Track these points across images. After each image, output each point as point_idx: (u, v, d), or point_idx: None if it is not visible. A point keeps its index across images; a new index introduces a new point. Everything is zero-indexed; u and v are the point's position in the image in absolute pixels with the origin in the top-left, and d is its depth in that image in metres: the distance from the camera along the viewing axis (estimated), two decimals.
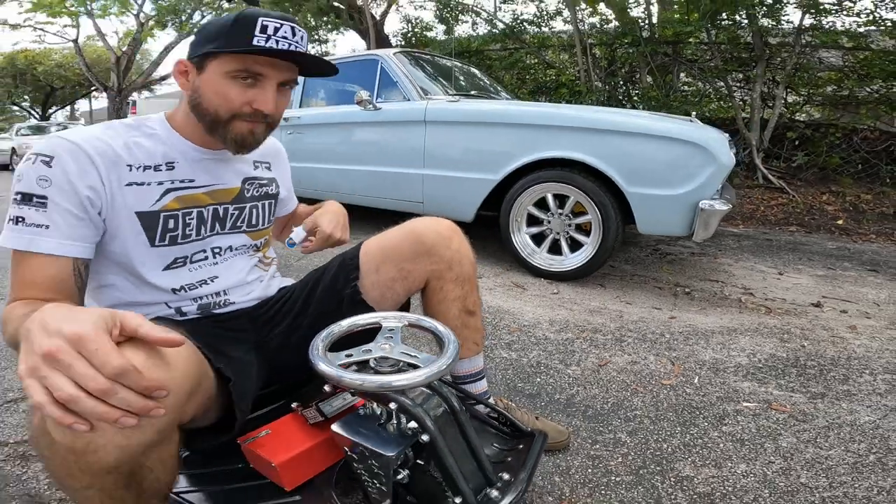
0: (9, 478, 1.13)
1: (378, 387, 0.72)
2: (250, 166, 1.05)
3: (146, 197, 0.87)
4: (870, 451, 1.26)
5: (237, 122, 0.87)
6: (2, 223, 0.79)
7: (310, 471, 0.93)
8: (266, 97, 0.86)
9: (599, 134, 2.39)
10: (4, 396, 1.47)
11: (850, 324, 2.09)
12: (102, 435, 0.54)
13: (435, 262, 1.03)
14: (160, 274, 0.92)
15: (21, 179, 0.77)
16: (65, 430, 0.52)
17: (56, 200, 0.77)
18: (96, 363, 0.49)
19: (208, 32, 0.87)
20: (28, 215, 0.76)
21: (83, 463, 0.56)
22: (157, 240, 0.89)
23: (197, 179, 0.94)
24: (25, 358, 0.50)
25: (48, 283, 0.75)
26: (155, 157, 0.89)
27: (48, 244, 0.76)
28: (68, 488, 0.63)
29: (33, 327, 0.52)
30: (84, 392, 0.49)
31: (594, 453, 1.23)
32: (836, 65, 5.68)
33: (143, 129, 0.91)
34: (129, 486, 0.64)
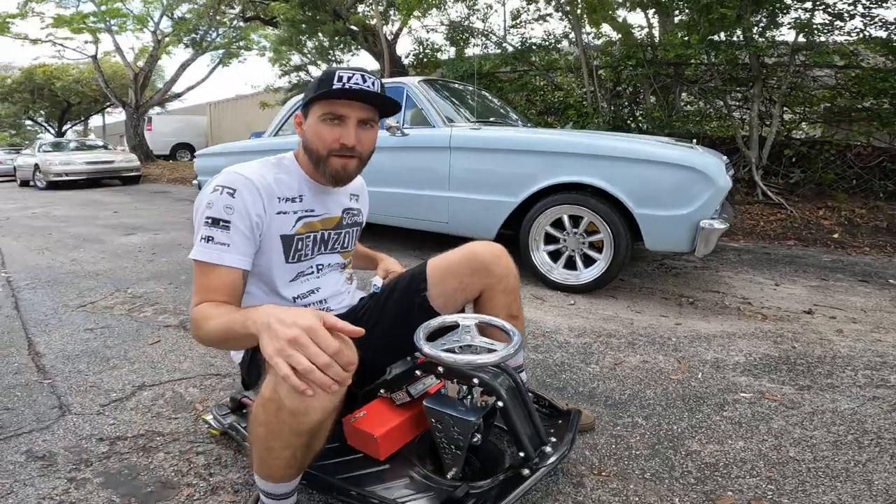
0: (137, 467, 1.33)
1: (467, 363, 0.99)
2: (347, 198, 1.34)
3: (287, 223, 1.16)
4: (848, 432, 1.51)
5: (332, 159, 1.14)
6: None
7: (399, 442, 1.20)
8: (349, 133, 1.12)
9: (610, 160, 2.67)
10: (109, 397, 1.72)
11: (837, 328, 2.35)
12: (316, 399, 0.81)
13: (488, 277, 1.30)
14: (287, 285, 1.20)
15: (211, 206, 1.04)
16: (294, 396, 0.79)
17: (237, 224, 1.05)
18: (322, 346, 0.75)
19: (308, 89, 1.16)
20: (216, 235, 1.03)
21: (296, 423, 0.83)
22: (290, 258, 1.18)
23: (316, 209, 1.22)
24: (271, 342, 0.76)
25: (227, 289, 1.03)
26: (292, 190, 1.18)
27: (231, 259, 1.03)
28: (269, 448, 0.89)
29: (271, 321, 0.78)
30: (313, 366, 0.75)
31: (616, 433, 1.49)
32: (829, 83, 5.94)
33: (282, 166, 1.20)
34: (309, 448, 0.92)
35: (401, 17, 8.79)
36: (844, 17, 4.96)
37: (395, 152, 3.53)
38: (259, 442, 0.90)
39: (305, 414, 0.82)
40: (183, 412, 1.61)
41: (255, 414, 0.89)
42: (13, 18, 13.61)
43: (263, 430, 0.87)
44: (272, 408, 0.84)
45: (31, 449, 1.41)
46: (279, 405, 0.83)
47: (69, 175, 10.18)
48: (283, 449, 0.89)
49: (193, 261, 1.04)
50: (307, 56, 10.05)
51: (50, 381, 1.80)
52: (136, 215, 6.12)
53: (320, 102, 1.11)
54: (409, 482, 1.11)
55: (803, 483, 1.27)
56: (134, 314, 2.51)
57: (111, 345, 2.12)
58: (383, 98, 1.13)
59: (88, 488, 1.26)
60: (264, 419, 0.86)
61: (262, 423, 0.87)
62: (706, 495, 1.23)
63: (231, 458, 1.37)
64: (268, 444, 0.89)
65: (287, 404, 0.82)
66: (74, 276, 3.22)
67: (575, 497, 1.21)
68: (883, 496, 1.23)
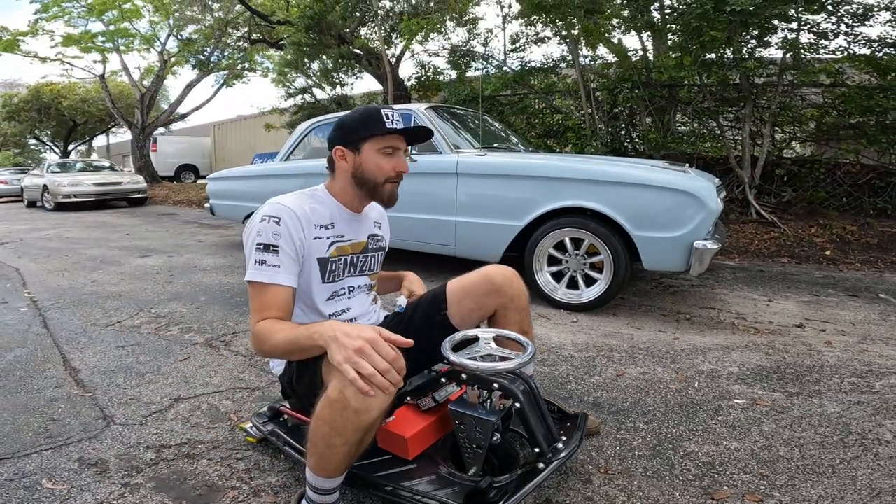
0: (184, 473, 1.45)
1: (488, 369, 1.14)
2: (372, 225, 1.50)
3: (322, 247, 1.32)
4: (834, 433, 1.65)
5: (387, 185, 1.36)
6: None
7: (426, 443, 1.33)
8: (402, 162, 1.36)
9: (608, 185, 2.84)
10: (149, 408, 1.85)
11: (826, 340, 2.49)
12: (375, 400, 0.97)
13: (501, 297, 1.45)
14: (325, 303, 1.35)
15: (261, 234, 1.21)
16: (358, 397, 0.96)
17: (284, 248, 1.21)
18: (382, 355, 0.92)
19: (353, 125, 1.34)
20: (268, 259, 1.19)
21: (358, 420, 0.99)
22: (326, 278, 1.34)
23: (346, 235, 1.38)
24: (339, 352, 0.94)
25: (281, 306, 1.18)
26: (325, 218, 1.35)
27: (282, 278, 1.20)
28: (330, 445, 1.04)
29: (338, 335, 0.95)
30: (375, 371, 0.91)
31: (620, 437, 1.62)
32: (816, 102, 6.12)
33: (316, 197, 1.38)
34: (361, 444, 1.07)
35: (403, 42, 9.08)
36: (829, 35, 5.18)
37: (404, 178, 3.69)
38: (322, 440, 1.04)
39: (367, 412, 0.98)
40: (220, 422, 1.74)
41: (320, 414, 1.03)
42: (24, 36, 13.90)
43: (328, 427, 1.02)
44: (338, 408, 0.99)
45: (82, 457, 1.54)
46: (344, 405, 0.98)
47: (78, 196, 10.36)
48: (343, 445, 1.03)
49: (249, 283, 1.20)
50: (312, 78, 10.33)
51: (91, 395, 1.93)
52: (148, 238, 6.28)
53: (378, 138, 1.32)
54: (434, 479, 1.24)
55: (793, 479, 1.41)
56: (161, 333, 2.64)
57: (143, 361, 2.26)
58: (420, 131, 1.39)
59: (142, 492, 1.38)
60: (330, 418, 1.01)
61: (326, 422, 1.02)
62: (704, 490, 1.36)
63: (269, 463, 1.50)
64: (330, 442, 1.03)
65: (352, 404, 0.97)
66: (97, 296, 3.36)
67: (584, 492, 1.35)
68: (867, 490, 1.36)
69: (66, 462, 1.51)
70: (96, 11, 13.03)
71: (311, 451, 1.08)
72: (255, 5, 12.04)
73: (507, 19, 8.34)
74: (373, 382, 0.92)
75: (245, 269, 1.24)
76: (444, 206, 3.44)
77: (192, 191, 12.99)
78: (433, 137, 3.55)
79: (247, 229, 1.29)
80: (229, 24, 13.12)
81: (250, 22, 12.42)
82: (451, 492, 1.19)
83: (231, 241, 5.98)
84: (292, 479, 1.42)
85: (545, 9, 6.32)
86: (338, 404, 0.99)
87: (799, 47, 5.22)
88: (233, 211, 5.27)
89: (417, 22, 7.62)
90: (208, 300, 3.27)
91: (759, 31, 5.20)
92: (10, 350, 2.39)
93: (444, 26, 8.46)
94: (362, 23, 9.60)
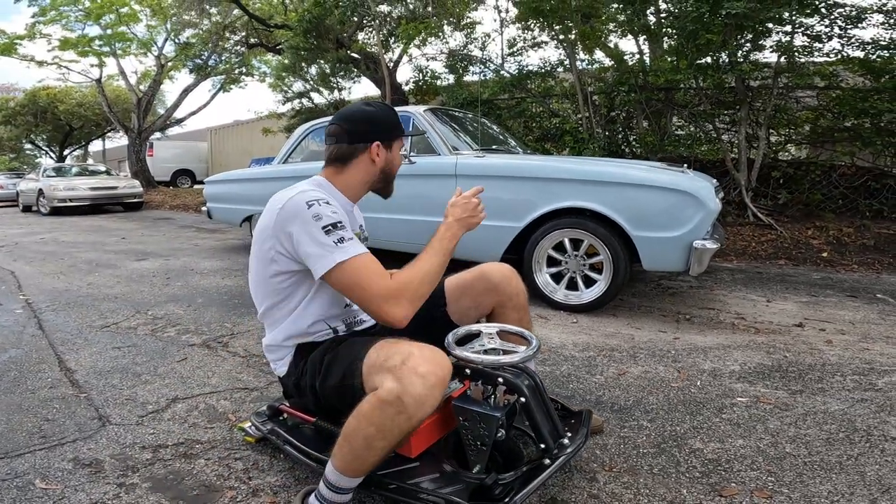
0: (181, 473, 1.43)
1: (493, 362, 1.12)
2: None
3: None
4: (839, 430, 1.63)
5: (393, 182, 1.44)
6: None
7: (429, 440, 1.31)
8: (400, 161, 1.43)
9: (607, 185, 2.83)
10: (146, 409, 1.82)
11: (827, 339, 2.48)
12: (433, 391, 1.00)
13: (499, 295, 1.44)
14: (332, 297, 1.34)
15: (320, 218, 1.16)
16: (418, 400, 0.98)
17: (345, 223, 1.20)
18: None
19: (389, 124, 1.38)
20: (344, 235, 1.16)
21: (408, 425, 1.01)
22: None
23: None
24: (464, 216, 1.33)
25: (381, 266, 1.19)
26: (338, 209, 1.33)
27: (362, 247, 1.19)
28: (371, 447, 1.03)
29: (453, 216, 1.32)
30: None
31: (623, 435, 1.61)
32: (811, 104, 6.16)
33: (325, 189, 1.36)
34: (397, 446, 1.06)
35: (401, 46, 9.10)
36: (823, 38, 5.21)
37: (402, 180, 3.64)
38: (363, 441, 1.03)
39: (422, 405, 0.99)
40: (217, 422, 1.71)
41: (368, 415, 1.02)
42: (21, 40, 13.89)
43: (374, 429, 1.01)
44: (391, 412, 0.99)
45: (77, 457, 1.51)
46: (399, 409, 0.98)
47: (73, 201, 10.31)
48: (384, 448, 1.03)
49: (342, 265, 1.12)
50: (309, 83, 10.33)
51: (86, 395, 1.91)
52: (144, 241, 6.24)
53: (402, 138, 1.43)
54: (438, 476, 1.22)
55: (801, 475, 1.39)
56: (157, 334, 2.61)
57: (140, 362, 2.23)
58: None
59: (138, 492, 1.35)
60: (379, 420, 1.00)
61: (374, 424, 1.01)
62: (712, 487, 1.34)
63: (268, 463, 1.48)
64: (372, 444, 1.02)
65: (409, 409, 0.99)
66: (93, 298, 3.33)
67: (590, 490, 1.33)
68: (876, 485, 1.34)
69: (59, 462, 1.48)
70: (94, 15, 13.04)
71: (345, 449, 1.06)
72: (253, 9, 12.05)
73: (504, 24, 8.39)
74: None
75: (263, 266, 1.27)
76: (443, 208, 3.41)
77: (188, 195, 12.94)
78: (431, 139, 3.56)
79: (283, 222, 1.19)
80: (227, 29, 13.12)
81: (248, 26, 12.43)
82: (456, 489, 1.17)
83: (229, 244, 5.95)
84: (292, 478, 1.40)
85: (542, 13, 6.35)
86: (391, 408, 0.99)
87: (793, 50, 5.25)
88: (230, 214, 5.24)
89: (415, 26, 7.64)
90: (206, 302, 3.24)
91: (753, 35, 5.23)
92: (4, 351, 2.36)
93: (442, 30, 8.48)
94: (360, 27, 9.63)
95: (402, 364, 1.03)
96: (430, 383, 1.00)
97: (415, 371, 1.01)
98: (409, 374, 1.00)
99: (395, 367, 1.03)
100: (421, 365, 1.02)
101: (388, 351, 1.09)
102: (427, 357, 1.04)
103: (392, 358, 1.06)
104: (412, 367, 1.01)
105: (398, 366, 1.03)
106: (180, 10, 13.65)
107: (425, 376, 1.00)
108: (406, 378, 1.00)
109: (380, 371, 1.06)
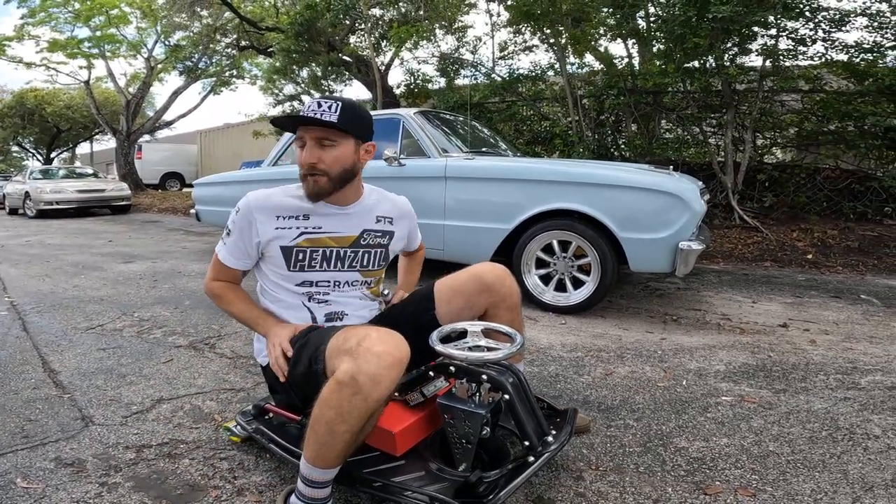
0: (165, 472, 1.42)
1: (476, 359, 1.13)
2: (372, 220, 1.47)
3: (286, 236, 1.35)
4: (822, 429, 1.65)
5: (307, 178, 1.33)
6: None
7: (414, 439, 1.31)
8: (305, 153, 1.31)
9: (595, 187, 2.85)
10: (130, 409, 1.80)
11: (811, 339, 2.51)
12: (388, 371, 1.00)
13: (493, 296, 1.44)
14: (295, 287, 1.40)
15: (230, 217, 1.37)
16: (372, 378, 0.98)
17: (234, 234, 1.39)
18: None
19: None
20: (225, 240, 1.42)
21: (365, 406, 1.00)
22: (291, 267, 1.37)
23: (323, 227, 1.37)
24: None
25: (228, 277, 1.46)
26: (294, 210, 1.37)
27: (227, 259, 1.42)
28: (333, 432, 1.03)
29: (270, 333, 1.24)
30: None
31: (610, 434, 1.62)
32: (796, 108, 6.24)
33: (292, 190, 1.39)
34: (361, 433, 1.06)
35: (393, 49, 9.11)
36: (807, 41, 5.30)
37: (392, 182, 3.68)
38: (325, 427, 1.03)
39: (377, 385, 0.99)
40: (203, 422, 1.70)
41: (327, 399, 1.02)
42: (9, 41, 13.75)
43: (333, 413, 1.01)
44: (347, 392, 0.99)
45: (59, 456, 1.49)
46: (355, 390, 0.98)
47: (60, 203, 10.20)
48: (346, 432, 1.02)
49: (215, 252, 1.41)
50: (301, 85, 10.31)
51: (69, 396, 1.88)
52: (132, 244, 6.19)
53: (299, 130, 1.34)
54: (423, 475, 1.22)
55: (784, 473, 1.40)
56: (143, 336, 2.59)
57: (125, 363, 2.21)
58: (322, 122, 1.26)
59: (120, 491, 1.34)
60: (336, 403, 1.00)
61: (332, 407, 1.01)
62: (696, 485, 1.35)
63: (253, 462, 1.47)
64: (333, 428, 1.02)
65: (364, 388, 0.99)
66: (79, 300, 3.29)
67: (576, 489, 1.33)
68: (859, 484, 1.36)
69: (41, 461, 1.47)
70: (83, 17, 12.95)
71: (311, 439, 1.06)
72: (244, 12, 12.01)
73: (495, 27, 8.42)
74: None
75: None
76: (433, 210, 3.43)
77: (177, 199, 12.85)
78: (421, 141, 3.56)
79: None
80: (218, 31, 13.06)
81: (239, 28, 12.37)
82: (441, 487, 1.17)
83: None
84: (277, 478, 1.39)
85: (533, 17, 6.39)
86: (347, 388, 0.98)
87: (778, 53, 5.32)
88: (219, 217, 5.20)
89: (407, 29, 7.65)
90: (193, 304, 3.22)
91: (739, 38, 5.30)
92: None
93: (434, 34, 8.50)
94: (352, 30, 9.63)
95: (357, 345, 1.04)
96: (386, 363, 1.00)
97: (370, 350, 1.01)
98: (364, 354, 1.01)
99: (351, 349, 1.04)
100: (376, 345, 1.02)
101: (347, 334, 1.11)
102: (384, 339, 1.05)
103: (349, 340, 1.08)
104: (367, 347, 1.02)
105: (354, 347, 1.04)
106: (171, 13, 13.57)
107: (381, 356, 1.01)
108: (361, 357, 1.01)
109: (338, 354, 1.07)
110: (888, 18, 5.14)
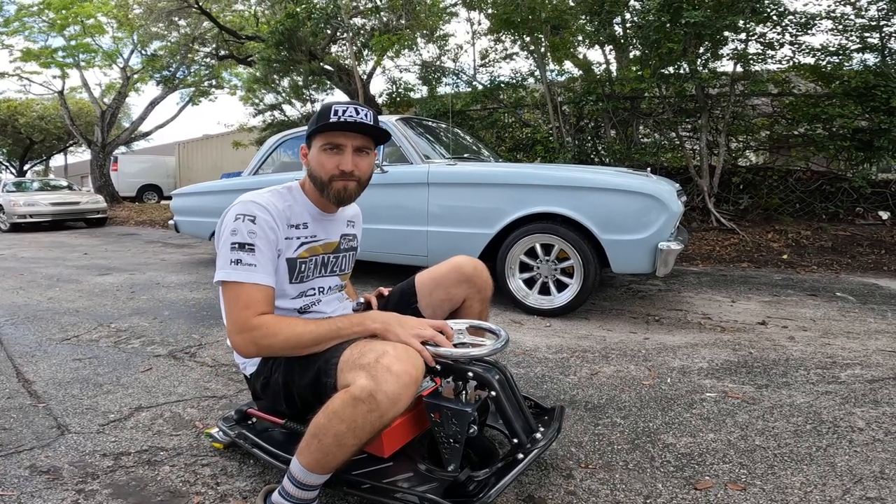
0: (145, 479, 1.38)
1: (462, 355, 1.12)
2: (345, 225, 1.46)
3: (291, 247, 1.29)
4: (806, 422, 1.68)
5: (334, 183, 1.27)
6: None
7: (401, 440, 1.30)
8: (346, 160, 1.26)
9: (575, 190, 2.88)
10: (107, 417, 1.75)
11: (789, 335, 2.56)
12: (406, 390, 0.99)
13: (470, 287, 1.46)
14: (291, 302, 1.33)
15: (235, 233, 1.16)
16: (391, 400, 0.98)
17: (260, 247, 1.18)
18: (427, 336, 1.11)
19: (312, 121, 1.30)
20: (244, 258, 1.16)
21: (380, 423, 0.99)
22: (293, 279, 1.31)
23: (318, 235, 1.35)
24: (402, 333, 1.11)
25: (267, 301, 1.18)
26: (299, 217, 1.31)
27: (261, 277, 1.18)
28: (342, 444, 1.00)
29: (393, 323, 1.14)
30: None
31: (598, 432, 1.62)
32: (766, 111, 6.40)
33: (292, 195, 1.33)
34: (365, 445, 1.04)
35: (374, 58, 9.12)
36: (775, 45, 5.46)
37: (374, 189, 3.63)
38: (334, 438, 1.00)
39: (396, 402, 0.98)
40: (184, 429, 1.66)
41: (339, 414, 0.99)
42: None
43: (345, 427, 0.98)
44: (363, 409, 0.97)
45: (34, 464, 1.45)
46: (372, 407, 0.97)
47: (34, 217, 9.94)
48: (354, 445, 1.01)
49: (222, 283, 1.17)
50: (281, 95, 10.25)
51: (45, 405, 1.83)
52: (108, 257, 6.05)
53: (321, 135, 1.26)
54: (412, 475, 1.21)
55: (772, 467, 1.42)
56: (121, 346, 2.53)
57: (102, 373, 2.15)
58: (374, 128, 1.26)
59: (98, 499, 1.30)
60: (350, 417, 0.98)
61: (345, 420, 0.98)
62: (686, 480, 1.36)
63: (237, 468, 1.43)
64: (342, 441, 1.00)
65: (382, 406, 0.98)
66: (54, 312, 3.20)
67: (566, 487, 1.33)
68: (848, 475, 1.37)
69: (16, 469, 1.42)
70: (58, 27, 12.70)
71: (314, 446, 1.03)
72: (224, 21, 11.92)
73: (476, 35, 8.50)
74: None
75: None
76: (416, 217, 3.43)
77: (155, 211, 12.62)
78: (403, 148, 3.56)
79: (219, 228, 1.24)
80: (196, 41, 12.91)
81: (218, 38, 12.26)
82: (430, 487, 1.15)
83: (197, 259, 5.82)
84: (262, 482, 1.36)
85: (514, 25, 6.47)
86: (364, 405, 0.97)
87: (748, 57, 5.47)
88: (198, 227, 5.13)
89: (388, 38, 7.68)
90: (172, 314, 3.15)
91: (711, 43, 5.43)
92: None
93: (415, 43, 8.55)
94: (333, 39, 9.62)
95: (375, 361, 1.01)
96: (404, 382, 0.99)
97: (389, 369, 0.99)
98: (383, 372, 0.99)
99: (368, 365, 1.01)
100: (395, 363, 1.00)
101: (363, 349, 1.08)
102: (401, 356, 1.03)
103: (366, 355, 1.04)
104: (386, 366, 1.00)
105: (372, 363, 1.01)
106: (148, 22, 13.39)
107: (399, 375, 0.99)
108: (380, 375, 0.99)
109: (353, 368, 1.04)
110: (852, 21, 5.32)
